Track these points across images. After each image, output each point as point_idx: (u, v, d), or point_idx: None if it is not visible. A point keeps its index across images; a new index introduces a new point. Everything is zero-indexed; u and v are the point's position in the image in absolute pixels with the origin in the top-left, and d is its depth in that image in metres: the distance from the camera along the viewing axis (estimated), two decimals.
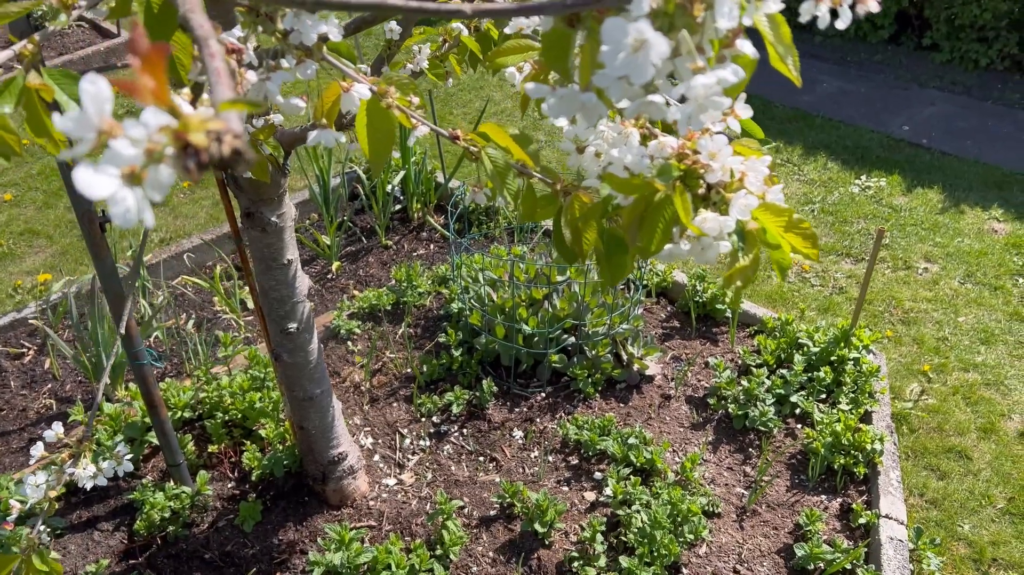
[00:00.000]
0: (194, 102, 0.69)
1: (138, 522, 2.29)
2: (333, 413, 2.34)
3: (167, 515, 2.30)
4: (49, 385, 2.90)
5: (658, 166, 0.85)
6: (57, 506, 1.47)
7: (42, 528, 1.31)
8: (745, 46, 0.69)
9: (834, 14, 0.70)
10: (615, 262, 1.05)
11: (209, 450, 2.55)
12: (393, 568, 2.13)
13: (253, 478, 2.46)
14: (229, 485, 2.49)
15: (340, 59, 0.95)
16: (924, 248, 3.90)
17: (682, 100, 0.68)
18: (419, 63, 1.63)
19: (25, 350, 3.04)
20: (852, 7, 0.65)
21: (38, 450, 1.34)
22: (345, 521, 2.37)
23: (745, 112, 0.90)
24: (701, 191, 0.88)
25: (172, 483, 2.38)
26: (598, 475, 2.54)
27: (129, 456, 2.45)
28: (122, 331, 1.61)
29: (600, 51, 0.61)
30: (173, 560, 2.27)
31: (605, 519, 2.36)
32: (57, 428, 1.35)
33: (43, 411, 2.78)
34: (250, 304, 3.17)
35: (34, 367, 2.97)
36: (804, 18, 0.68)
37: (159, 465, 2.54)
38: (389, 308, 3.23)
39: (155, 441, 2.49)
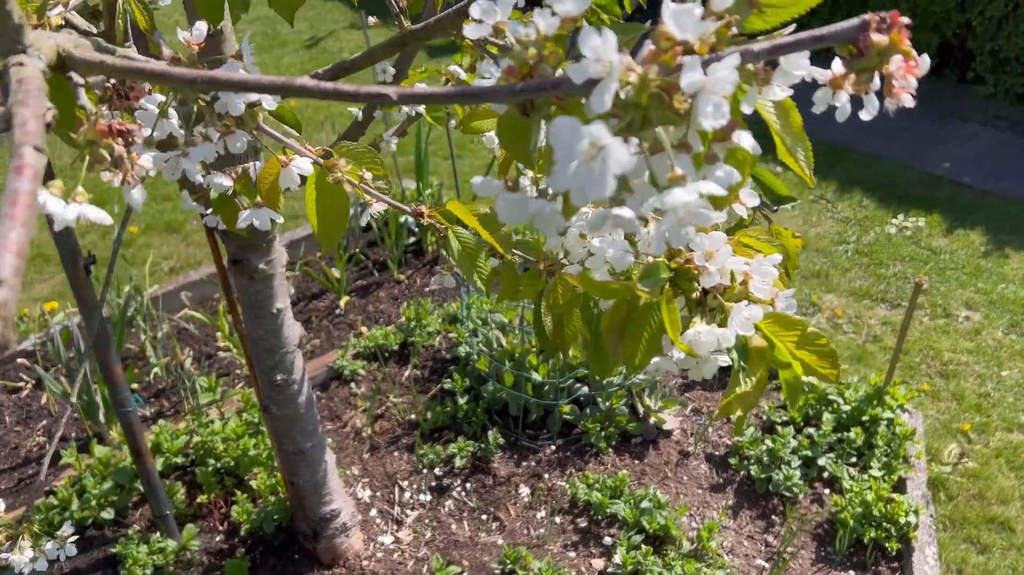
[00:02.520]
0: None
1: None
2: (326, 468, 2.21)
3: (149, 572, 2.18)
4: (44, 422, 2.81)
5: (643, 266, 0.71)
6: None
7: None
8: (743, 138, 0.55)
9: (857, 100, 0.55)
10: (605, 353, 0.90)
11: (199, 500, 2.43)
12: None
13: (242, 532, 2.34)
14: (217, 538, 2.37)
15: (281, 126, 0.82)
16: (965, 295, 3.69)
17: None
18: (414, 108, 1.51)
19: (23, 383, 2.96)
20: (880, 96, 0.51)
21: None
22: None
23: (752, 201, 0.76)
24: (696, 295, 0.73)
25: (158, 534, 2.27)
26: (608, 540, 2.38)
27: (113, 502, 2.34)
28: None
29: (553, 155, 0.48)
30: None
31: None
32: None
33: (35, 449, 2.69)
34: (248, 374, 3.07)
35: (30, 402, 2.89)
36: (818, 108, 0.53)
37: (147, 513, 2.43)
38: (396, 348, 3.10)
39: (144, 491, 2.38)
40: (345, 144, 0.85)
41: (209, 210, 1.48)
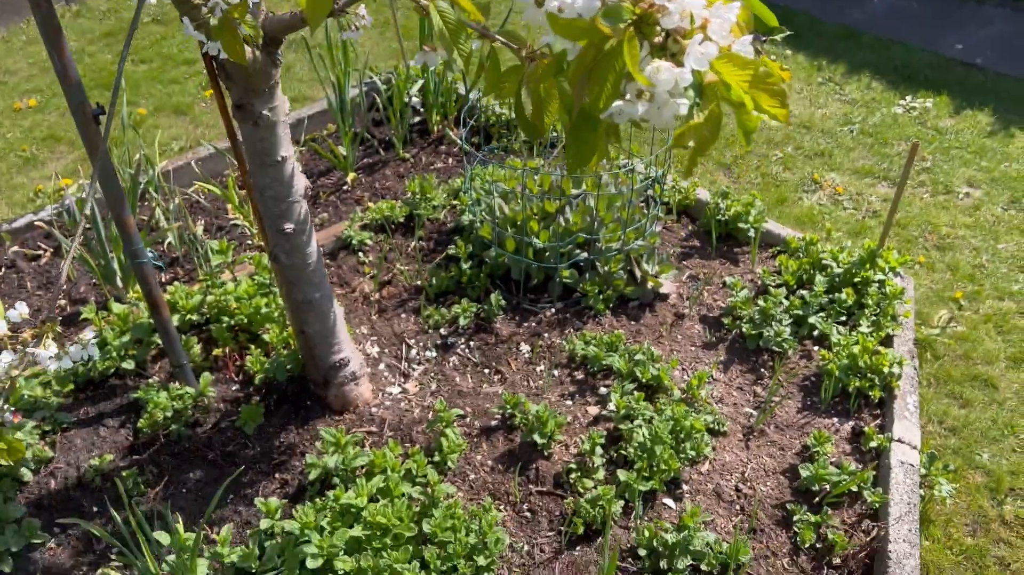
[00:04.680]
0: None
1: (142, 420, 2.31)
2: (334, 318, 2.31)
3: (170, 414, 2.32)
4: (64, 286, 2.92)
5: (607, 7, 0.76)
6: (19, 386, 1.46)
7: (4, 407, 1.30)
8: None
9: None
10: (582, 139, 0.96)
11: (214, 353, 2.56)
12: (389, 472, 2.13)
13: (256, 382, 2.47)
14: (233, 388, 2.50)
15: None
16: (968, 172, 3.70)
17: None
18: None
19: (42, 252, 3.07)
20: None
21: (1, 327, 1.32)
22: (346, 426, 2.37)
23: None
24: (658, 39, 0.79)
25: (177, 384, 2.40)
26: (603, 390, 2.50)
27: (132, 355, 2.47)
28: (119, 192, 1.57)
29: None
30: (176, 458, 2.29)
31: (606, 433, 2.32)
32: (21, 308, 1.33)
33: (56, 311, 2.81)
34: (257, 230, 3.14)
35: (49, 269, 3.00)
36: None
37: (166, 367, 2.56)
38: (402, 220, 3.17)
39: (161, 342, 2.50)
40: None
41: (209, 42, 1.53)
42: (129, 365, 2.47)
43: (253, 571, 1.93)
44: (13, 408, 2.31)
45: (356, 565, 1.89)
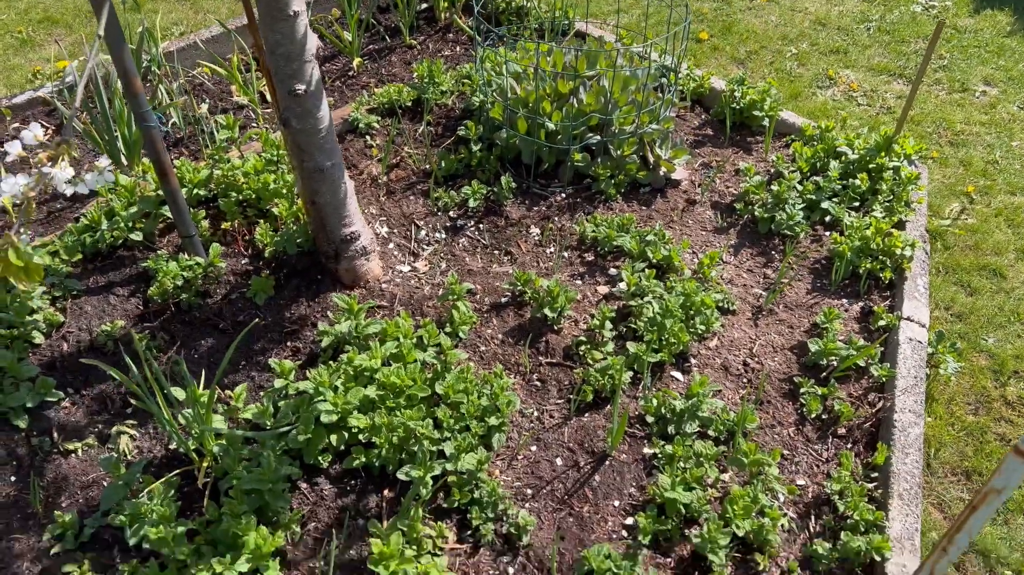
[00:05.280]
0: None
1: (152, 288, 2.30)
2: (345, 190, 2.29)
3: (180, 283, 2.31)
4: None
5: None
6: (34, 208, 1.44)
7: (22, 229, 1.29)
8: None
9: None
10: None
11: (222, 227, 2.54)
12: (401, 339, 2.14)
13: (266, 255, 2.46)
14: (243, 262, 2.49)
15: None
16: (985, 71, 3.63)
17: None
18: None
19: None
20: None
21: (15, 148, 1.30)
22: (357, 300, 2.37)
23: None
24: None
25: (186, 255, 2.39)
26: (613, 271, 2.49)
27: (140, 227, 2.45)
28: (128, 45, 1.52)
29: None
30: (186, 326, 2.30)
31: (616, 310, 2.33)
32: (36, 129, 1.30)
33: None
34: (269, 97, 3.08)
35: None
36: None
37: (174, 241, 2.54)
38: (409, 105, 3.11)
39: (169, 215, 2.48)
40: None
41: None
42: (137, 237, 2.45)
43: (267, 427, 1.95)
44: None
45: (370, 422, 1.91)
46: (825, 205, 2.59)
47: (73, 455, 1.97)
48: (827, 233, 2.61)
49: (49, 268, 2.34)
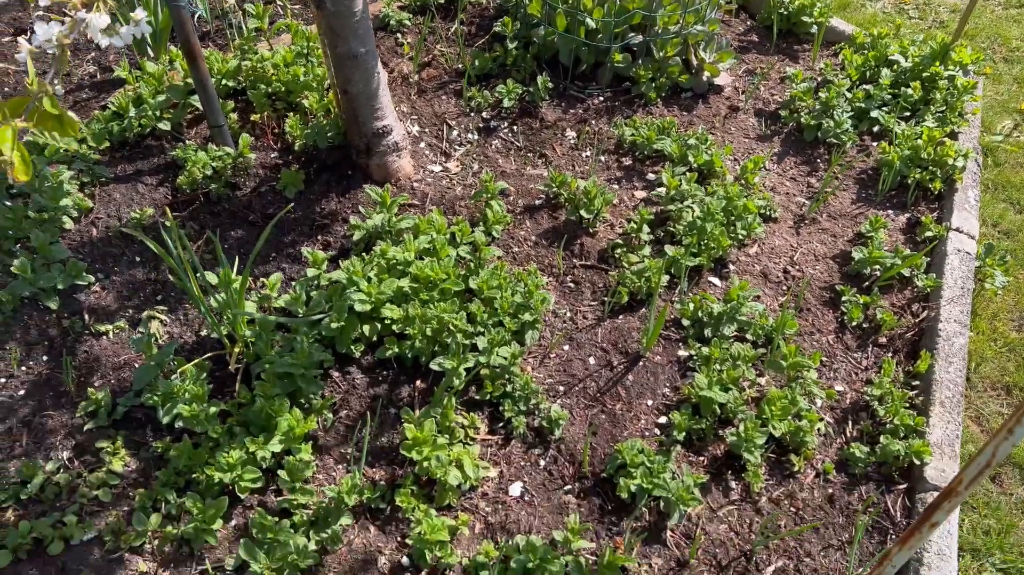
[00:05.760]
0: None
1: (181, 177, 2.26)
2: (378, 80, 2.21)
3: (209, 173, 2.27)
4: (92, 54, 2.81)
5: None
6: (69, 56, 1.39)
7: (55, 80, 1.23)
8: None
9: None
10: None
11: (251, 120, 2.48)
12: (435, 235, 2.09)
13: (296, 148, 2.40)
14: (272, 155, 2.43)
15: None
16: None
17: None
18: None
19: (69, 17, 2.93)
20: None
21: None
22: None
23: None
24: None
25: (215, 146, 2.33)
26: (651, 176, 2.42)
27: (168, 117, 2.39)
28: None
29: None
30: (216, 217, 2.26)
31: (654, 214, 2.26)
32: None
33: (86, 78, 2.71)
34: None
35: (79, 37, 2.87)
36: None
37: (203, 132, 2.48)
38: (442, 2, 3.00)
39: (198, 106, 2.42)
40: None
41: None
42: (165, 126, 2.39)
43: (300, 315, 1.93)
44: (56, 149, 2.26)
45: (404, 313, 1.88)
46: (874, 114, 2.49)
47: (104, 337, 1.96)
48: (875, 143, 2.51)
49: (76, 155, 2.29)
